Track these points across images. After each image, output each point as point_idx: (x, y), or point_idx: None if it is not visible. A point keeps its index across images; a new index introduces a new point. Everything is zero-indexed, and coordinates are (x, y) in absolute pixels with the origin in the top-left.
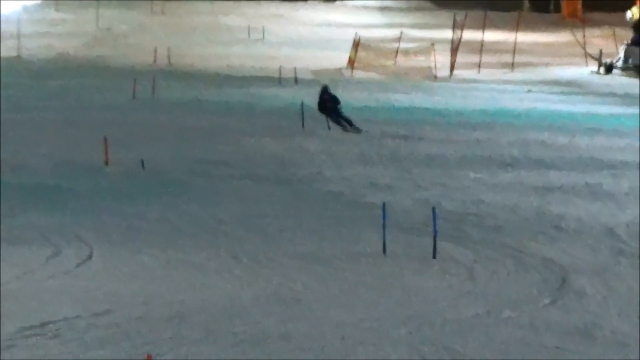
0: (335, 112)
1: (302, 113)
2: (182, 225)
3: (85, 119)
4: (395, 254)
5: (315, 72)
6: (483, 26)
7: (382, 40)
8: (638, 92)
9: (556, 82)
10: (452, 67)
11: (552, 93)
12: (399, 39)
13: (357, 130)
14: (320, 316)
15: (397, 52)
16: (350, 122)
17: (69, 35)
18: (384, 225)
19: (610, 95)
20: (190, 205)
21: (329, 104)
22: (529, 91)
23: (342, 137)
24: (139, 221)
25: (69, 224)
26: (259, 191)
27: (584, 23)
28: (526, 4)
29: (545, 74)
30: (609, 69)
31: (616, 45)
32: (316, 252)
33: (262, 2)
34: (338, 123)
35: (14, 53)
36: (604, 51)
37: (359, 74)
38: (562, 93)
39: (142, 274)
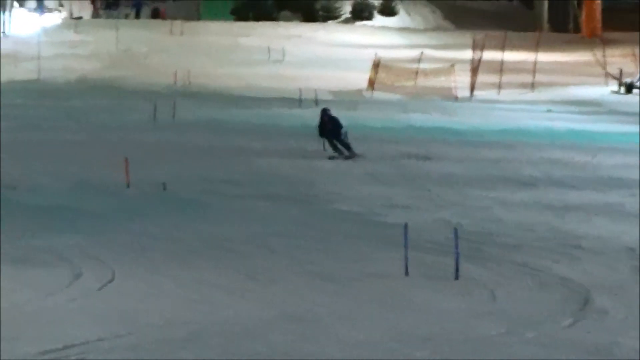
0: (334, 135)
1: None
2: (200, 245)
3: (105, 140)
4: (414, 274)
5: (335, 93)
6: (502, 46)
7: (402, 61)
8: None
9: (576, 102)
10: (472, 88)
11: (572, 113)
12: (419, 60)
13: (352, 154)
14: (340, 336)
15: (417, 72)
16: (348, 147)
17: (88, 56)
18: (405, 246)
19: (630, 114)
20: (208, 226)
21: (328, 126)
22: (549, 111)
23: (361, 157)
24: (158, 242)
25: (90, 246)
26: (276, 211)
27: (604, 42)
28: (545, 23)
29: (565, 94)
30: (629, 88)
31: (636, 65)
32: (334, 272)
33: (281, 23)
34: (334, 148)
35: (34, 75)
36: (624, 70)
37: (379, 94)
38: (582, 113)
39: (162, 294)
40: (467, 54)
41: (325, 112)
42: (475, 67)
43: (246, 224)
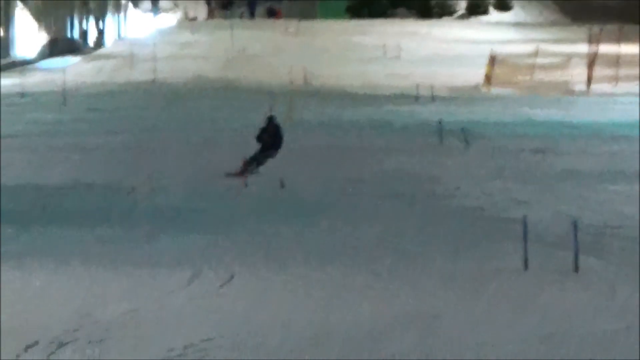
0: (269, 145)
1: (441, 129)
2: (321, 244)
3: (221, 140)
4: (535, 268)
5: (452, 89)
6: (619, 39)
7: (518, 56)
8: None
9: None
10: (589, 81)
11: None
12: (535, 54)
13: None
14: (461, 336)
15: (533, 67)
16: (259, 163)
17: (204, 57)
18: (525, 240)
19: None
20: (329, 224)
21: (263, 133)
22: None
23: (480, 153)
24: (278, 241)
25: (209, 246)
26: (397, 209)
27: None
28: None
29: None
30: None
31: None
32: (456, 268)
33: (396, 20)
34: (253, 157)
35: (150, 77)
36: None
37: (496, 89)
38: None
39: (283, 294)
40: (583, 48)
41: (269, 120)
42: (592, 61)
43: (369, 223)
